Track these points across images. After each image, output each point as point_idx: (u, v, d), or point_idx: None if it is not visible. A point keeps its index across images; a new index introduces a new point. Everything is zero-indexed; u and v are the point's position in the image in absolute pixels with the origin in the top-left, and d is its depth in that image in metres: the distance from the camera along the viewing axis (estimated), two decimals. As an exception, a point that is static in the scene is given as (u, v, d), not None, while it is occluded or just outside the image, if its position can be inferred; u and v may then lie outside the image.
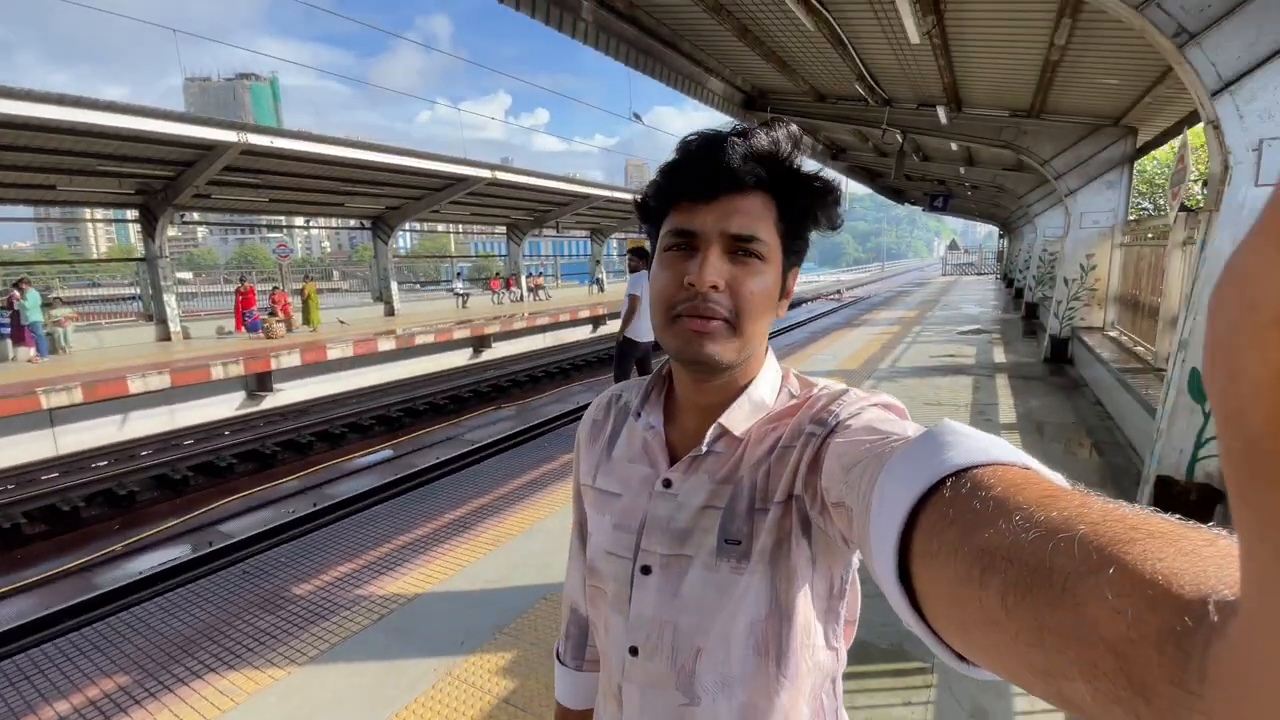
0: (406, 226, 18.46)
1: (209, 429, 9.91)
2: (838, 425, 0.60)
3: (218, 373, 10.29)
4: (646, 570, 0.68)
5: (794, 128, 0.66)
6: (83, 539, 6.61)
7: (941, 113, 7.72)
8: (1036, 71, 6.19)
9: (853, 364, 8.88)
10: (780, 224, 0.65)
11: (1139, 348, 6.59)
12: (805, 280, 53.21)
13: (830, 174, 0.64)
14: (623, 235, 27.29)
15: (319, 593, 3.17)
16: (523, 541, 3.64)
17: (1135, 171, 9.13)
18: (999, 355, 9.41)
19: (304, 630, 2.83)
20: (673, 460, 0.70)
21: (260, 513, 6.95)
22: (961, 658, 0.36)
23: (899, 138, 9.59)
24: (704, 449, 0.67)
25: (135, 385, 9.05)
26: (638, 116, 10.25)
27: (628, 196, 21.54)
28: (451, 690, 2.39)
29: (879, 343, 10.99)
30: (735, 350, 0.64)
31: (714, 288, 0.62)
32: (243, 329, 13.55)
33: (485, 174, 15.34)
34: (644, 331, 5.27)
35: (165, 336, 12.65)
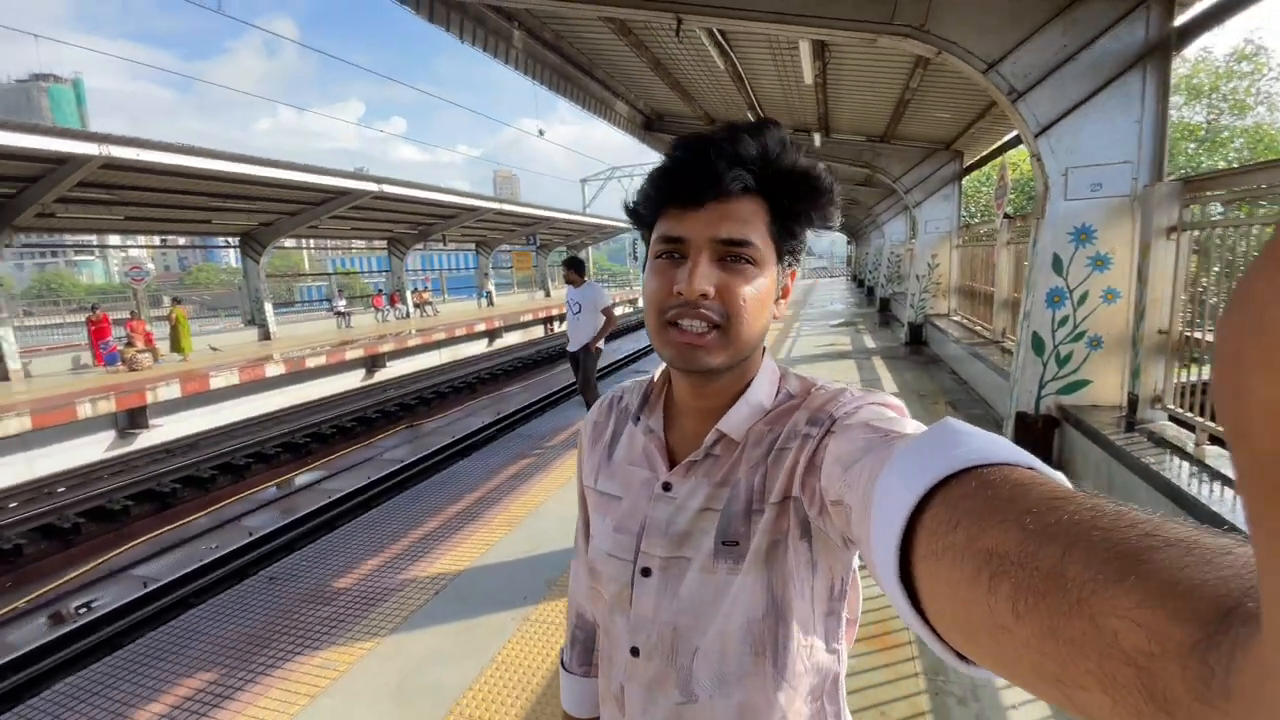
0: (281, 243, 17.27)
1: (83, 474, 8.87)
2: (834, 425, 0.60)
3: (84, 411, 9.23)
4: (646, 572, 0.69)
5: (783, 130, 0.64)
6: None
7: (816, 138, 9.05)
8: (892, 106, 7.60)
9: (755, 356, 10.00)
10: (772, 226, 0.64)
11: (978, 327, 8.24)
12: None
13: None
14: (508, 248, 27.26)
15: (362, 584, 3.39)
16: (535, 520, 4.05)
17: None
18: (869, 342, 11.03)
19: (367, 613, 3.08)
20: (672, 463, 0.71)
21: (189, 546, 6.52)
22: (963, 657, 0.36)
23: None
24: (702, 453, 0.68)
25: (-12, 430, 7.94)
26: (541, 132, 10.69)
27: (516, 209, 21.72)
28: (535, 631, 2.82)
29: (772, 335, 12.26)
30: (729, 356, 0.64)
31: (703, 296, 0.62)
32: (102, 363, 12.08)
33: (372, 187, 14.91)
34: (577, 340, 5.88)
35: (3, 375, 10.97)
